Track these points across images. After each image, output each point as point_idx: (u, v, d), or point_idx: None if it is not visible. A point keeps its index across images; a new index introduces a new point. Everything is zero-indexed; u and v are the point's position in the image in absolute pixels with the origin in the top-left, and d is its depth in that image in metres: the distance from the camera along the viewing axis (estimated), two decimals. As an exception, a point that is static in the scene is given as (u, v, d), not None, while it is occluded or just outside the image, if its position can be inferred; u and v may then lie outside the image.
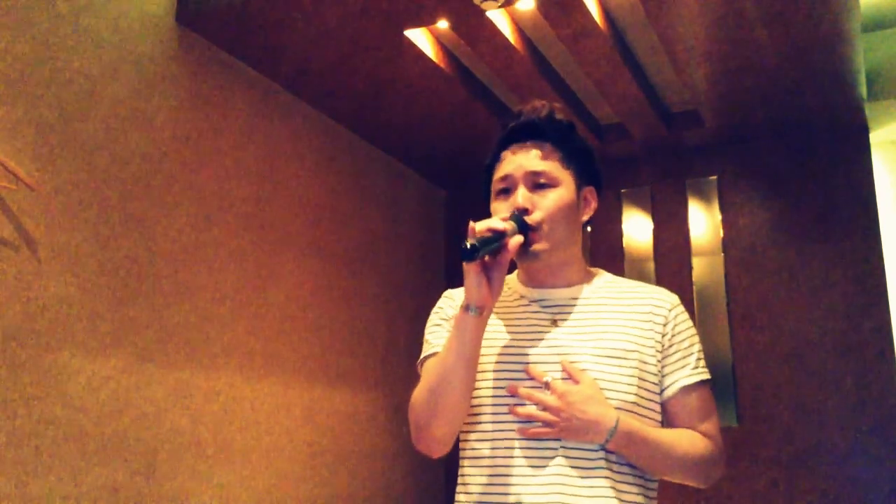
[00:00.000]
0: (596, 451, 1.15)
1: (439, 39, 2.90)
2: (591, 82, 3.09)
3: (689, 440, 1.22)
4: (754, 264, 3.57)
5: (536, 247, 1.23)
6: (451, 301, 1.33)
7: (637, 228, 3.86)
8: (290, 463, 2.94)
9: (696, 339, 1.29)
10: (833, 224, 3.45)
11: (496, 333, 1.26)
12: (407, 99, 3.19)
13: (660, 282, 3.73)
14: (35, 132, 2.07)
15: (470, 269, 1.14)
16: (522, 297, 1.30)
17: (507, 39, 2.71)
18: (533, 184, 1.25)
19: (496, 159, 1.31)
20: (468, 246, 1.10)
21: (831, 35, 2.66)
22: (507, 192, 1.27)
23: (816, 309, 3.40)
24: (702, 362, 1.27)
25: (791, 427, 3.35)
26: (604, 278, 1.33)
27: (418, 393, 1.21)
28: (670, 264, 3.74)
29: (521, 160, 1.26)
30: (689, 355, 1.26)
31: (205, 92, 2.69)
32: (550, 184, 1.25)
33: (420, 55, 2.81)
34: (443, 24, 2.62)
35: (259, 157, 2.92)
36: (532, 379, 1.19)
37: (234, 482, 2.65)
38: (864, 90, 3.13)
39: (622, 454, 1.16)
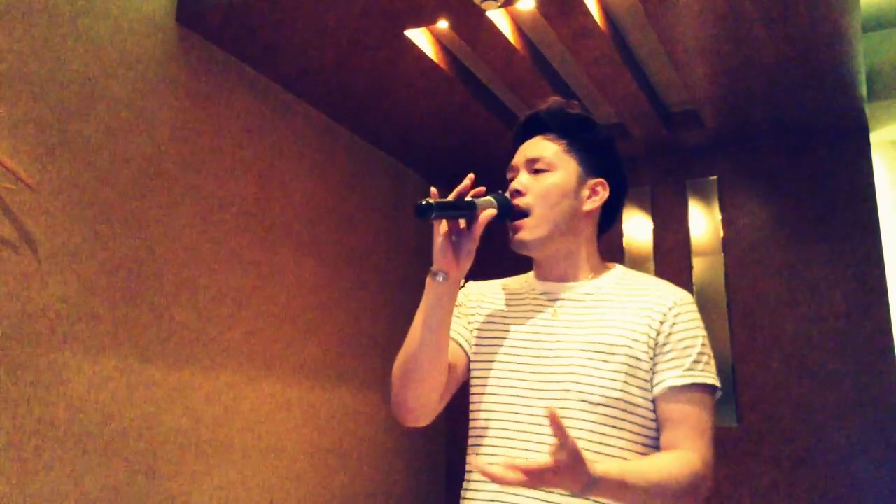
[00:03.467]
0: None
1: (439, 39, 2.90)
2: (591, 82, 3.09)
3: (674, 471, 1.12)
4: (754, 264, 3.57)
5: (523, 234, 1.26)
6: (464, 290, 1.39)
7: (637, 228, 3.86)
8: (290, 463, 2.94)
9: (700, 341, 1.22)
10: (833, 224, 3.44)
11: (499, 325, 1.30)
12: (407, 99, 3.19)
13: (660, 282, 3.73)
14: (35, 132, 2.07)
15: (437, 235, 1.17)
16: (533, 289, 1.33)
17: (507, 39, 2.71)
18: (532, 170, 1.29)
19: (512, 157, 1.35)
20: (423, 203, 1.11)
21: (831, 35, 2.66)
22: (511, 182, 1.31)
23: (816, 309, 3.40)
24: (701, 366, 1.20)
25: (791, 427, 3.35)
26: (617, 273, 1.34)
27: (396, 360, 1.24)
28: (670, 264, 3.74)
29: (525, 149, 1.31)
30: (685, 356, 1.19)
31: (205, 92, 2.69)
32: (546, 168, 1.28)
33: (420, 55, 2.81)
34: (443, 24, 2.61)
35: (259, 157, 2.92)
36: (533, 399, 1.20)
37: (234, 482, 2.65)
38: (864, 90, 3.13)
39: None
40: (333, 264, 3.32)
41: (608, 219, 1.36)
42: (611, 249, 3.88)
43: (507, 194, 1.26)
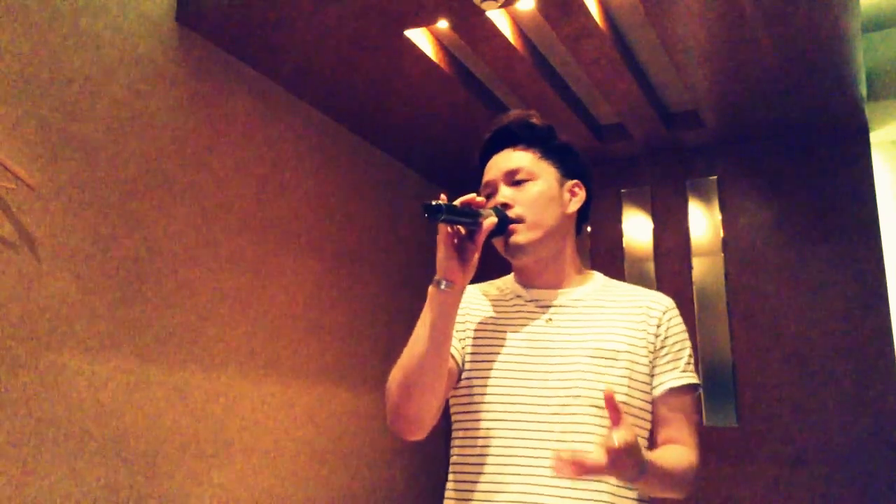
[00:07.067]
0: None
1: (439, 39, 2.90)
2: (591, 82, 3.09)
3: (684, 462, 1.22)
4: (754, 264, 3.57)
5: (518, 238, 1.26)
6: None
7: (637, 228, 3.86)
8: (290, 463, 2.94)
9: (688, 343, 1.30)
10: (833, 224, 3.45)
11: (492, 332, 1.28)
12: (407, 99, 3.19)
13: (660, 282, 3.73)
14: (35, 132, 2.07)
15: (441, 242, 1.16)
16: (519, 296, 1.32)
17: (507, 39, 2.71)
18: (511, 181, 1.29)
19: (481, 174, 1.35)
20: (434, 203, 1.09)
21: (831, 35, 2.66)
22: (490, 197, 1.30)
23: (816, 309, 3.40)
24: (691, 367, 1.29)
25: (791, 427, 3.35)
26: (600, 280, 1.36)
27: (392, 371, 1.23)
28: (670, 264, 3.74)
29: (498, 162, 1.31)
30: (678, 358, 1.27)
31: (205, 92, 2.69)
32: (528, 178, 1.29)
33: (420, 55, 2.81)
34: (443, 24, 2.61)
35: (259, 157, 2.92)
36: (529, 388, 1.21)
37: (234, 482, 2.65)
38: (864, 90, 3.13)
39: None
40: (333, 264, 3.32)
41: (582, 218, 1.38)
42: (611, 249, 3.88)
43: (498, 205, 1.27)
